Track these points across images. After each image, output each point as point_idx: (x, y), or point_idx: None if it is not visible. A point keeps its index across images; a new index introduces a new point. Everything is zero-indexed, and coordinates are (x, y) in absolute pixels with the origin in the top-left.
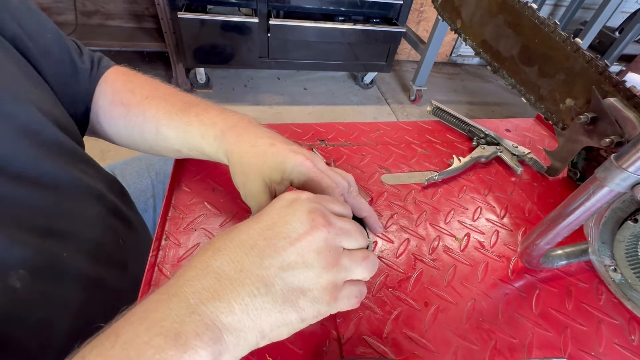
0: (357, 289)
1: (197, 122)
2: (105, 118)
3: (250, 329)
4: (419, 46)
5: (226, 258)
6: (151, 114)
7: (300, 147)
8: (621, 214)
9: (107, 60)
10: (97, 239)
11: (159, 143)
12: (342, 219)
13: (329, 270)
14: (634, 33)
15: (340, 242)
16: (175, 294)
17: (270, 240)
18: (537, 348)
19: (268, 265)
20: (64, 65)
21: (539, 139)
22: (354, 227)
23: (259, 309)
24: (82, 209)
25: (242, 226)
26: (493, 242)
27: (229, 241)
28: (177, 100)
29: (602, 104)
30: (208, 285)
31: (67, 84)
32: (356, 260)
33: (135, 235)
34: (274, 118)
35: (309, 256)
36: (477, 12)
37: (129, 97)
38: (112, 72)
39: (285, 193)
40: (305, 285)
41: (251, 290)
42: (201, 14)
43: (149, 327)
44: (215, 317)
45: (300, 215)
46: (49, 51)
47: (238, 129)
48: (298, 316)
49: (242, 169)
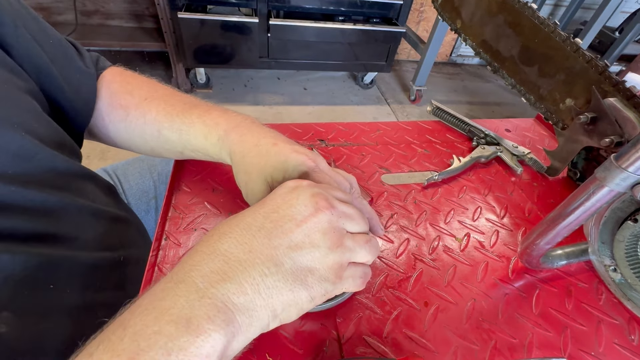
0: (361, 270)
1: (199, 123)
2: (104, 121)
3: (262, 307)
4: (419, 46)
5: (233, 241)
6: (152, 117)
7: (303, 147)
8: (621, 214)
9: (103, 60)
10: (92, 263)
11: (161, 145)
12: (344, 203)
13: (334, 251)
14: (634, 33)
15: (343, 224)
16: (182, 280)
17: (277, 222)
18: (537, 348)
19: (277, 245)
20: (71, 70)
21: (539, 139)
22: (355, 212)
23: (271, 287)
24: (75, 233)
25: (246, 211)
26: (493, 242)
27: (235, 225)
28: (177, 101)
29: (602, 104)
30: (216, 268)
31: (80, 90)
32: (359, 243)
33: (136, 249)
34: (274, 118)
35: (315, 236)
36: (477, 12)
37: (127, 99)
38: (108, 73)
39: (287, 181)
40: (313, 265)
41: (262, 269)
42: (201, 14)
43: (157, 316)
44: (226, 298)
45: (304, 198)
46: (55, 57)
47: (241, 129)
48: (308, 294)
49: (244, 168)
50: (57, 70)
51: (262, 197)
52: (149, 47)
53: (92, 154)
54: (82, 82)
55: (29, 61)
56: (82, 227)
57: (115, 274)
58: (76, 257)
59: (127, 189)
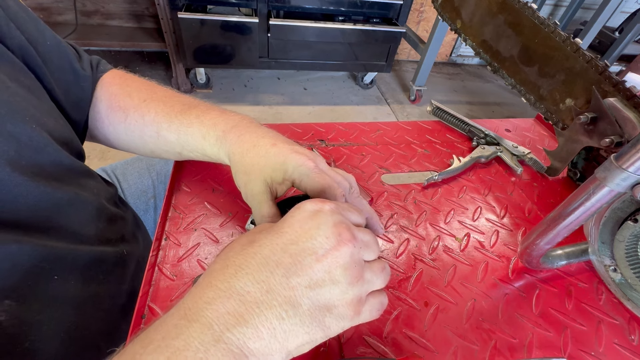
0: (378, 302)
1: (197, 123)
2: (104, 123)
3: (277, 351)
4: (419, 46)
5: (250, 278)
6: (150, 118)
7: (302, 147)
8: (621, 214)
9: (104, 63)
10: (94, 256)
11: (160, 146)
12: (362, 229)
13: (354, 285)
14: (634, 33)
15: (363, 255)
16: (196, 319)
17: (296, 257)
18: (537, 348)
19: (295, 285)
20: (64, 72)
21: (539, 139)
22: (372, 238)
23: (287, 331)
24: (79, 226)
25: (263, 240)
26: (493, 242)
27: (251, 257)
28: (176, 102)
29: (602, 104)
30: (232, 309)
31: (69, 92)
32: (376, 272)
33: (136, 245)
34: (274, 118)
35: (335, 272)
36: (477, 12)
37: (126, 101)
38: (108, 76)
39: (305, 202)
40: (331, 302)
41: (279, 312)
42: (201, 14)
43: (169, 357)
44: (242, 343)
45: (325, 229)
46: (49, 59)
47: (239, 129)
48: (324, 334)
49: (243, 168)
50: (49, 72)
51: (262, 197)
52: (149, 47)
53: (92, 154)
54: (74, 84)
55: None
56: (86, 221)
57: (117, 268)
58: (80, 249)
59: (125, 189)
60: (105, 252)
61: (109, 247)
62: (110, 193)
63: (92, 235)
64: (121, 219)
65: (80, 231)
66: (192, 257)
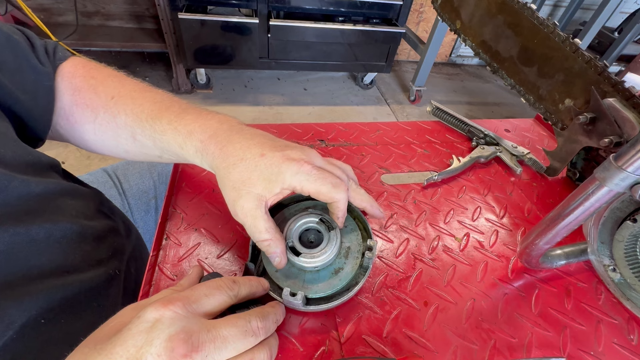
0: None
1: (171, 130)
2: (69, 121)
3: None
4: (419, 46)
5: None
6: (122, 121)
7: (294, 148)
8: (620, 213)
9: (61, 49)
10: (87, 286)
11: (137, 149)
12: (222, 323)
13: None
14: (633, 33)
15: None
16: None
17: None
18: (537, 347)
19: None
20: (22, 74)
21: (538, 139)
22: (233, 331)
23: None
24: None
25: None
26: (492, 242)
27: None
28: (146, 100)
29: (601, 104)
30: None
31: (30, 97)
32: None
33: (129, 256)
34: (274, 118)
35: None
36: (477, 13)
37: (92, 99)
38: (69, 65)
39: (146, 310)
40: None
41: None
42: (201, 15)
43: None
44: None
45: (157, 345)
46: (2, 66)
47: (219, 139)
48: None
49: (231, 184)
50: (8, 80)
51: (256, 213)
52: (149, 47)
53: (92, 154)
54: (39, 86)
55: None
56: (70, 251)
57: (113, 289)
58: (68, 282)
59: (127, 189)
60: (97, 277)
61: (102, 268)
62: (95, 205)
63: (78, 263)
64: (111, 232)
65: (64, 262)
66: (192, 256)
